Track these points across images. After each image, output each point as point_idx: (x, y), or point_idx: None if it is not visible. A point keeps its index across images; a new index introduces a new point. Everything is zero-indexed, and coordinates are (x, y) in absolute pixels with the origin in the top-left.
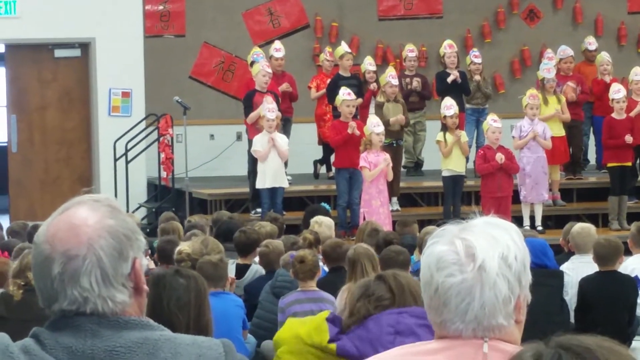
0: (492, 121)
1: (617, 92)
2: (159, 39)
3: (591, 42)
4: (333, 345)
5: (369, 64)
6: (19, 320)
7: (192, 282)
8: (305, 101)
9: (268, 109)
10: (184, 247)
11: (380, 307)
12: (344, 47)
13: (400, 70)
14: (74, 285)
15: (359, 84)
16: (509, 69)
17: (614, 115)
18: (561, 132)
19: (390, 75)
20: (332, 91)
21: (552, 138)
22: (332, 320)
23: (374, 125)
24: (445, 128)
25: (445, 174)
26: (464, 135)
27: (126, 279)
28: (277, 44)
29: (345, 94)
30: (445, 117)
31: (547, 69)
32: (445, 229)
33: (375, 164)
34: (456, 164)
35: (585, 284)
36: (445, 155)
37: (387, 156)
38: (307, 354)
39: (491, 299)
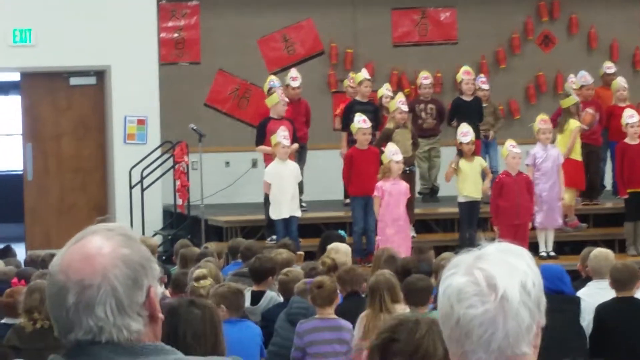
0: (511, 147)
1: (630, 116)
2: (174, 67)
3: (610, 66)
4: None
5: (386, 89)
6: (32, 350)
7: (207, 312)
8: (321, 128)
9: (283, 136)
10: (203, 271)
11: None
12: (363, 74)
13: (415, 96)
14: (89, 314)
15: (374, 110)
16: (524, 94)
17: (627, 140)
18: (578, 157)
19: (400, 102)
20: (346, 117)
21: (570, 161)
22: None
23: (393, 153)
24: (460, 154)
25: (461, 199)
26: (482, 161)
27: (141, 308)
28: (294, 72)
29: (360, 122)
30: (461, 143)
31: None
32: (460, 259)
33: (391, 193)
34: (472, 190)
35: (602, 311)
36: (446, 178)
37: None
38: None
39: (514, 328)
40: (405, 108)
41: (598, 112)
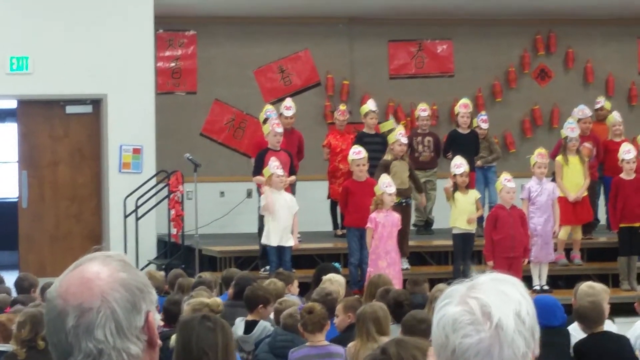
0: (505, 181)
1: (627, 152)
2: (171, 96)
3: (599, 101)
4: None
5: (394, 123)
6: None
7: (219, 325)
8: (315, 159)
9: (276, 166)
10: (205, 300)
11: None
12: (369, 105)
13: (411, 128)
14: (89, 337)
15: (383, 142)
16: (519, 128)
17: (622, 175)
18: (585, 192)
19: (399, 134)
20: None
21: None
22: None
23: (386, 185)
24: (455, 187)
25: (455, 231)
26: (476, 194)
27: (140, 332)
28: (288, 101)
29: (354, 153)
30: (455, 175)
31: (571, 128)
32: (453, 289)
33: (384, 224)
34: (466, 223)
35: (580, 347)
36: (447, 196)
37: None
38: None
39: (510, 356)
40: (404, 140)
41: (595, 147)
